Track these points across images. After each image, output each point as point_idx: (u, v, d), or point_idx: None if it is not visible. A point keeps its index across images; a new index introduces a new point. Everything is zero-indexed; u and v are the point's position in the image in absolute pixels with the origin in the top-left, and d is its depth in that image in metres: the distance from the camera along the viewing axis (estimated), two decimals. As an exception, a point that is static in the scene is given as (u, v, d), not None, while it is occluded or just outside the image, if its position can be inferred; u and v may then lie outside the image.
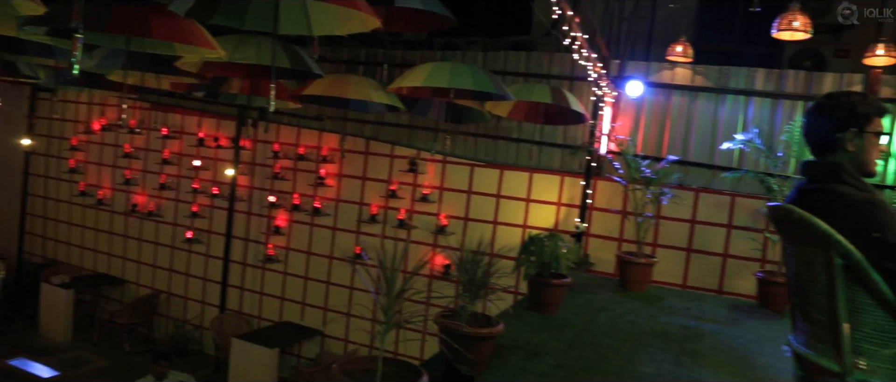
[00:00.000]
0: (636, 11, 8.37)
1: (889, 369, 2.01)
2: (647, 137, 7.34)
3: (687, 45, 6.71)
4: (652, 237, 6.97)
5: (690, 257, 6.99)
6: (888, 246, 1.96)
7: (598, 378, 3.49)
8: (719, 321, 5.11)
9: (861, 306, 2.03)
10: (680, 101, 7.27)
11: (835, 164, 2.17)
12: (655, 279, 6.68)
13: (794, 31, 5.29)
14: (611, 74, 7.30)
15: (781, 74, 7.04)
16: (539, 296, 4.69)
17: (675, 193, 6.31)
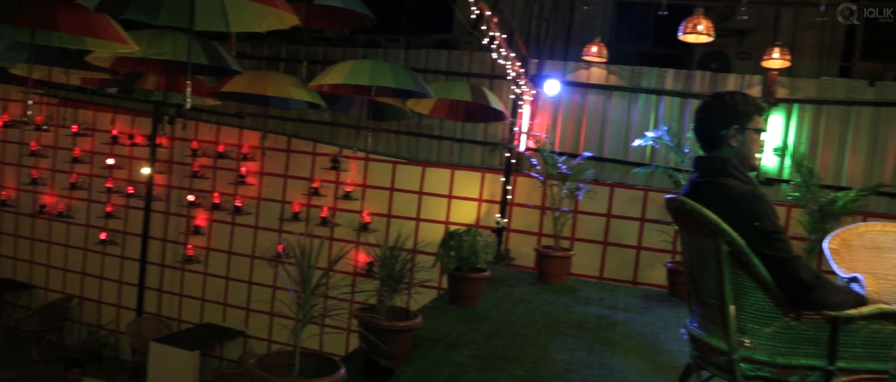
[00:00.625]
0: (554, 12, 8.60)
1: (769, 345, 2.20)
2: (565, 135, 7.58)
3: (602, 45, 6.95)
4: (570, 231, 7.20)
5: (606, 249, 7.26)
6: (767, 234, 2.14)
7: (514, 367, 3.62)
8: (631, 309, 5.34)
9: (745, 289, 2.21)
10: (595, 99, 7.54)
11: (722, 159, 2.34)
12: (573, 271, 6.92)
13: (699, 35, 5.61)
14: (529, 73, 7.49)
15: (689, 74, 7.41)
16: (459, 290, 4.79)
17: (590, 188, 6.54)
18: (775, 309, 2.19)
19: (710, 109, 2.41)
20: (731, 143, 2.36)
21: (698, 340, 2.43)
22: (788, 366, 2.18)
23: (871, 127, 6.86)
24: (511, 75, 6.67)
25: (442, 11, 9.03)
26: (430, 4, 9.24)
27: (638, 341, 4.40)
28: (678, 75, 7.41)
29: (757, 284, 2.18)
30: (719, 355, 2.29)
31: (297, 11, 4.80)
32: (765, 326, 2.20)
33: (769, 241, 2.13)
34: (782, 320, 2.19)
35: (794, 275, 2.10)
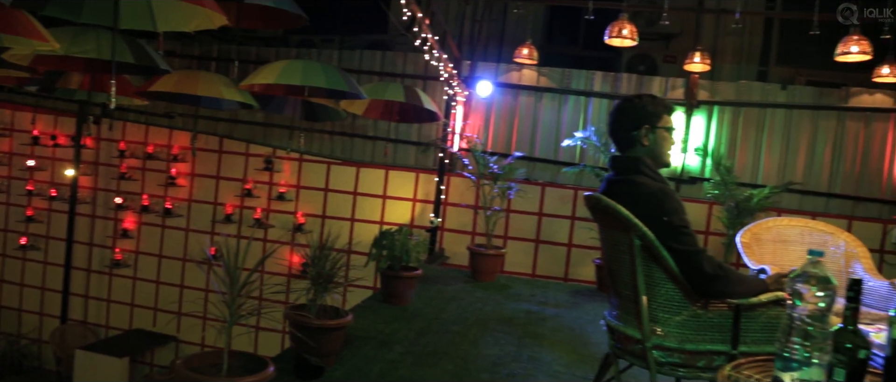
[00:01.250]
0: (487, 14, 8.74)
1: (679, 332, 2.33)
2: (497, 135, 7.73)
3: (532, 48, 7.10)
4: (502, 230, 7.34)
5: (538, 247, 7.43)
6: (674, 228, 2.27)
7: (444, 362, 3.69)
8: (561, 305, 5.50)
9: (656, 280, 2.34)
10: (526, 100, 7.71)
11: (634, 158, 2.47)
12: (507, 269, 7.06)
13: (624, 39, 5.80)
14: (462, 75, 7.60)
15: (617, 76, 7.65)
16: (391, 288, 4.84)
17: (521, 187, 6.69)
18: (684, 299, 2.32)
19: (621, 112, 2.53)
20: (643, 142, 2.49)
21: (615, 330, 2.55)
22: (696, 352, 2.32)
23: (784, 128, 7.25)
24: (444, 77, 6.76)
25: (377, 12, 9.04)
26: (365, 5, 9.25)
27: (566, 334, 4.55)
28: (606, 78, 7.65)
29: (667, 276, 2.31)
30: (634, 343, 2.41)
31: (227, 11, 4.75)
32: (675, 315, 2.34)
33: (676, 235, 2.26)
34: (691, 309, 2.33)
35: (699, 267, 2.24)
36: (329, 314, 3.45)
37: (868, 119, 7.14)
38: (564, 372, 3.71)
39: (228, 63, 8.33)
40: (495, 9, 8.70)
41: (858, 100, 7.19)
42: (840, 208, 7.16)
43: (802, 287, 1.50)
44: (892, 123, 7.12)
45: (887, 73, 6.23)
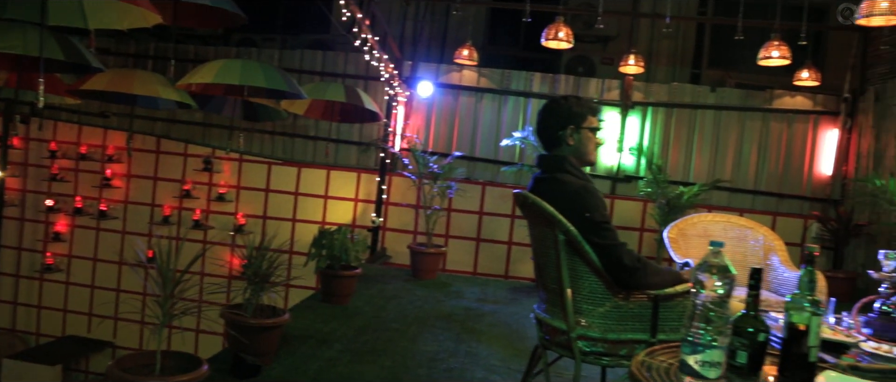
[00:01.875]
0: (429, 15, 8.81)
1: (602, 323, 2.44)
2: (438, 135, 7.81)
3: (472, 49, 7.17)
4: (444, 229, 7.42)
5: (480, 245, 7.54)
6: (595, 224, 2.38)
7: (382, 359, 3.74)
8: (500, 301, 5.61)
9: (580, 274, 2.44)
10: (467, 101, 7.81)
11: (560, 157, 2.56)
12: (448, 267, 7.15)
13: (560, 41, 5.95)
14: (403, 75, 7.65)
15: (555, 78, 7.83)
16: (331, 287, 4.86)
17: (461, 186, 6.78)
18: (606, 291, 2.43)
19: (548, 112, 2.63)
20: (569, 142, 2.59)
21: (544, 322, 2.65)
22: (618, 341, 2.43)
23: (714, 128, 7.55)
24: (385, 77, 6.80)
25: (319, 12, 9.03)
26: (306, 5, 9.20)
27: (503, 330, 4.65)
28: (544, 79, 7.82)
29: (590, 269, 2.42)
30: (561, 334, 2.51)
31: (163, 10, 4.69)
32: (598, 306, 2.44)
33: (598, 230, 2.37)
34: (613, 300, 2.44)
35: (619, 259, 2.35)
36: (266, 314, 3.46)
37: (790, 120, 7.49)
38: (500, 366, 3.81)
39: (165, 62, 8.16)
40: (437, 10, 8.78)
41: (781, 102, 7.54)
42: (765, 205, 7.49)
43: (703, 276, 1.61)
44: (812, 124, 7.49)
45: (806, 76, 6.57)
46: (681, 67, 9.05)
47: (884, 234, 6.46)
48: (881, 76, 6.96)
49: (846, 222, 6.76)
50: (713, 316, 1.61)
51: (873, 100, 7.01)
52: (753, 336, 1.79)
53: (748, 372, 1.79)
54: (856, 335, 2.57)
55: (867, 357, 2.34)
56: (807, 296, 1.86)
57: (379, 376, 3.47)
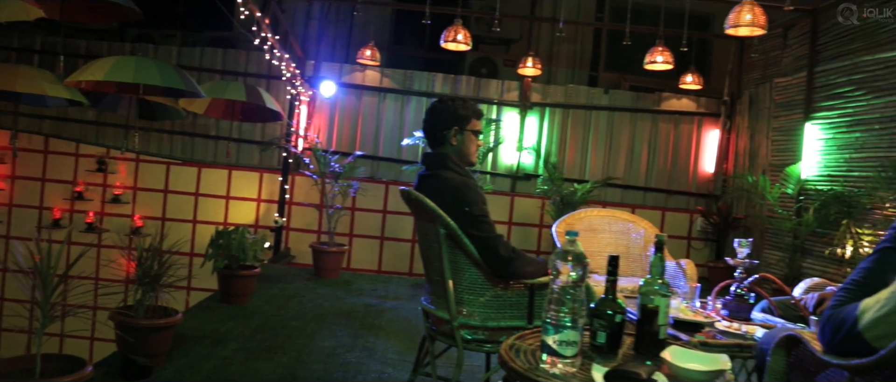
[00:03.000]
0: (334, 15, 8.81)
1: (482, 312, 2.58)
2: (341, 135, 7.83)
3: (375, 49, 7.24)
4: (348, 228, 7.46)
5: (383, 244, 7.62)
6: (474, 217, 2.51)
7: (278, 356, 3.76)
8: (401, 298, 5.71)
9: (461, 266, 2.57)
10: (370, 101, 7.88)
11: (443, 154, 2.69)
12: (352, 266, 7.19)
13: (459, 44, 6.09)
14: (306, 74, 7.63)
15: (456, 79, 8.00)
16: (229, 287, 4.82)
17: (363, 186, 6.84)
18: (486, 282, 2.57)
19: (435, 112, 2.75)
20: (452, 142, 2.72)
21: (429, 313, 2.77)
22: (498, 328, 2.57)
23: (607, 129, 7.92)
24: (286, 76, 6.77)
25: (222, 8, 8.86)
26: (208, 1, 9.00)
27: (402, 325, 4.75)
28: (446, 79, 7.98)
29: (470, 261, 2.55)
30: (445, 324, 2.63)
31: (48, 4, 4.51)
32: (479, 296, 2.58)
33: (476, 223, 2.51)
34: (493, 290, 2.58)
35: (495, 250, 2.50)
36: (158, 314, 3.42)
37: (677, 121, 7.97)
38: (396, 359, 3.90)
39: (54, 57, 7.82)
40: (343, 10, 8.79)
41: (669, 104, 8.01)
42: (655, 201, 7.93)
43: (560, 264, 1.76)
44: (696, 125, 7.99)
45: (691, 81, 7.02)
46: (579, 69, 9.43)
47: (758, 226, 6.99)
48: (755, 81, 7.52)
49: (725, 216, 7.26)
50: (569, 300, 1.75)
51: (748, 103, 7.56)
52: (611, 318, 1.97)
53: (608, 350, 1.96)
54: (713, 315, 2.82)
55: (721, 335, 2.58)
56: (657, 280, 2.06)
57: (274, 372, 3.49)
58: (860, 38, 5.88)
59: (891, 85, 5.48)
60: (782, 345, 1.90)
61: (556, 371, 1.75)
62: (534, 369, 1.77)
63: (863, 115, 5.76)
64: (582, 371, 1.77)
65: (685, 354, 1.86)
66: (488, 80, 8.14)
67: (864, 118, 5.75)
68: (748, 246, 2.97)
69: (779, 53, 7.11)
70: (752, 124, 7.47)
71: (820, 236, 5.84)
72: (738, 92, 7.82)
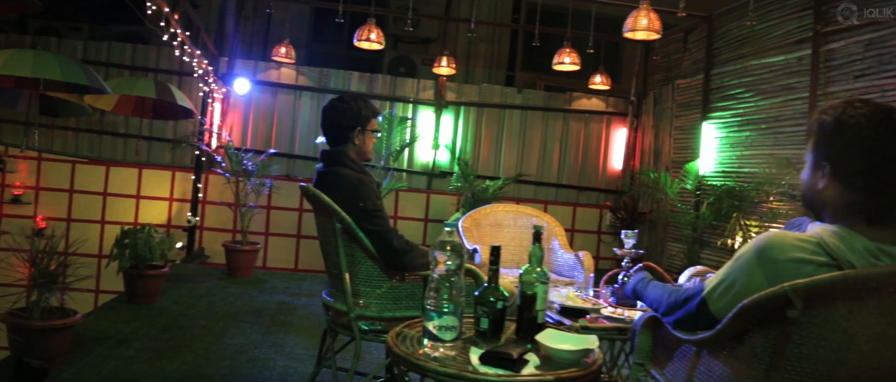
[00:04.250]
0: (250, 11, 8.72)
1: (378, 303, 2.66)
2: (257, 132, 7.76)
3: (290, 47, 7.21)
4: (264, 226, 7.40)
5: (300, 242, 7.59)
6: (368, 212, 2.60)
7: (184, 354, 3.74)
8: (314, 295, 5.73)
9: (357, 259, 2.65)
10: (286, 98, 7.83)
11: (340, 152, 2.76)
12: (269, 265, 7.15)
13: (372, 43, 6.15)
14: (220, 72, 7.52)
15: (372, 77, 8.06)
16: (135, 288, 4.74)
17: (279, 184, 6.81)
18: (382, 274, 2.66)
19: (336, 111, 2.81)
20: (355, 141, 2.79)
21: (329, 306, 2.83)
22: (394, 319, 2.66)
23: (520, 127, 8.15)
24: (199, 73, 6.66)
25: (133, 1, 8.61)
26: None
27: (314, 321, 4.79)
28: (362, 78, 8.02)
29: (366, 255, 2.63)
30: (343, 316, 2.70)
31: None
32: (375, 288, 2.67)
33: (370, 218, 2.59)
34: (389, 282, 2.67)
35: (389, 244, 2.59)
36: (55, 316, 3.35)
37: (587, 120, 8.27)
38: (304, 353, 3.95)
39: (-55, 50, 7.43)
40: (260, 7, 8.71)
41: (579, 103, 8.30)
42: (567, 197, 8.21)
43: (438, 254, 1.86)
44: (605, 123, 8.32)
45: (600, 81, 7.30)
46: (496, 69, 9.66)
47: (661, 219, 7.34)
48: (659, 82, 7.90)
49: (632, 211, 7.60)
50: (447, 287, 1.86)
51: (653, 103, 7.93)
52: (494, 305, 2.09)
53: (491, 335, 2.08)
54: (601, 302, 3.00)
55: (606, 320, 2.75)
56: (536, 269, 2.19)
57: (179, 371, 3.48)
58: (749, 44, 6.29)
59: (775, 88, 5.89)
60: (647, 326, 2.07)
61: (436, 355, 1.85)
62: (416, 353, 1.87)
63: (752, 115, 6.16)
64: (461, 355, 1.88)
65: (558, 336, 1.99)
66: (405, 78, 8.23)
67: (753, 118, 6.15)
68: (634, 237, 3.16)
69: (680, 56, 7.50)
70: (656, 123, 7.84)
71: (715, 229, 6.20)
72: (644, 92, 8.19)
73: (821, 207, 1.58)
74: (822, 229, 1.52)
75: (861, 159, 1.46)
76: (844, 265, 1.43)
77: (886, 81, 4.87)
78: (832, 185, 1.52)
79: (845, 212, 1.51)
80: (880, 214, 1.47)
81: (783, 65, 5.87)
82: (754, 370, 1.53)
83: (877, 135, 1.43)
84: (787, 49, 5.85)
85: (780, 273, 1.45)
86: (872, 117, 1.44)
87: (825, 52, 5.42)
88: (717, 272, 1.64)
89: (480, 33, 9.43)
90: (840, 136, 1.48)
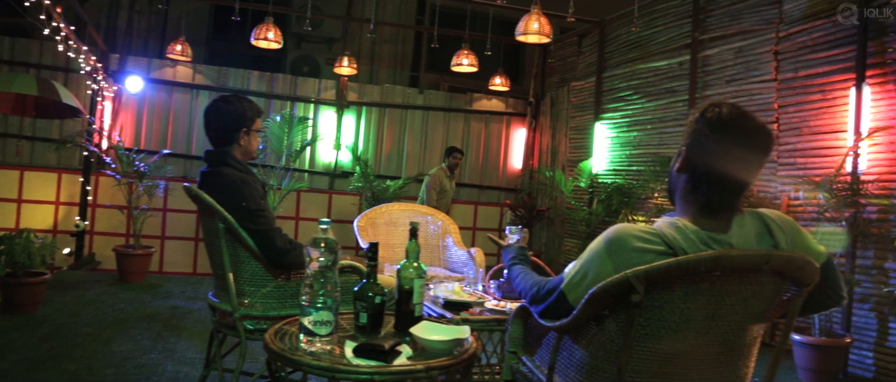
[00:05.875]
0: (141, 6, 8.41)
1: (263, 302, 2.67)
2: (151, 132, 7.50)
3: (186, 44, 7.04)
4: (159, 230, 7.16)
5: (199, 245, 7.39)
6: (251, 212, 2.60)
7: (65, 364, 3.59)
8: (212, 299, 5.61)
9: (241, 259, 2.65)
10: (182, 97, 7.61)
11: (224, 151, 2.75)
12: (165, 269, 6.93)
13: (270, 42, 6.08)
14: (111, 69, 7.23)
15: (272, 76, 7.95)
16: (13, 296, 4.49)
17: (173, 185, 6.61)
18: (266, 274, 2.66)
19: (222, 112, 2.77)
20: (241, 142, 2.78)
21: (215, 307, 2.81)
22: (279, 317, 2.67)
23: (422, 127, 8.24)
24: (86, 70, 6.38)
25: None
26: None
27: (208, 325, 4.65)
28: (262, 77, 7.90)
29: (250, 254, 2.63)
30: (228, 316, 2.69)
31: None
32: (260, 288, 2.67)
33: (253, 217, 2.59)
34: (275, 282, 2.68)
35: (272, 242, 2.60)
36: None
37: (487, 121, 8.46)
38: (197, 357, 3.87)
39: None
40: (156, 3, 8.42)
41: (480, 104, 8.48)
42: (469, 196, 8.37)
43: (312, 250, 1.90)
44: (505, 124, 8.53)
45: (499, 82, 7.49)
46: (401, 70, 9.72)
47: (558, 216, 7.61)
48: (556, 84, 8.18)
49: (531, 209, 7.83)
50: (322, 282, 1.90)
51: (550, 104, 8.20)
52: (372, 300, 2.15)
53: (370, 329, 2.14)
54: (486, 296, 3.11)
55: (488, 312, 2.86)
56: (412, 264, 2.26)
57: (59, 380, 3.35)
58: (637, 49, 6.62)
59: (659, 90, 6.23)
60: (519, 316, 2.18)
61: (312, 350, 1.89)
62: (292, 349, 1.90)
63: (640, 116, 6.49)
64: (337, 349, 1.92)
65: (433, 328, 2.07)
66: (306, 78, 8.16)
67: (640, 119, 6.48)
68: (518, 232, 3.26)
69: (575, 60, 7.79)
70: (553, 124, 8.12)
71: (607, 224, 6.47)
72: (542, 94, 8.45)
73: (673, 191, 1.73)
74: (663, 221, 1.66)
75: (706, 154, 1.60)
76: (679, 252, 1.56)
77: (754, 86, 5.26)
78: (683, 169, 1.66)
79: (685, 200, 1.65)
80: (713, 206, 1.61)
81: (667, 69, 6.22)
82: (608, 352, 1.66)
83: (723, 135, 1.58)
84: (670, 54, 6.20)
85: (626, 262, 1.57)
86: (725, 118, 1.59)
87: (702, 58, 5.78)
88: (574, 263, 1.75)
89: (385, 34, 9.47)
90: (698, 126, 1.62)
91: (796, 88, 4.91)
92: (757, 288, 1.60)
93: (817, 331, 4.19)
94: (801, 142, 4.85)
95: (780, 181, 4.95)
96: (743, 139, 1.58)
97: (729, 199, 1.61)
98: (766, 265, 1.53)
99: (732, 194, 1.61)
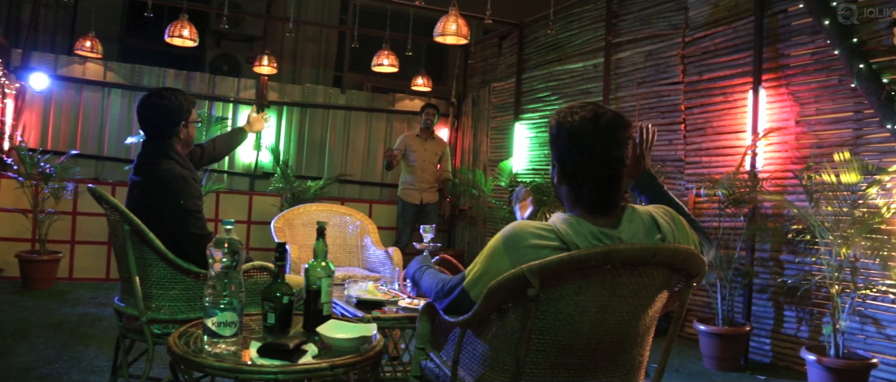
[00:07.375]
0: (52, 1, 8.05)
1: (171, 305, 2.62)
2: (59, 132, 7.19)
3: (96, 40, 6.76)
4: (69, 234, 6.86)
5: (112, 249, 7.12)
6: (188, 212, 2.57)
7: (-41, 376, 3.43)
8: (124, 304, 5.42)
9: (149, 261, 2.59)
10: (93, 96, 7.33)
11: (166, 145, 2.70)
12: (76, 275, 6.65)
13: (184, 39, 5.92)
14: (12, 65, 6.89)
15: (189, 75, 7.75)
16: None
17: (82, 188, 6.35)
18: (176, 275, 2.62)
19: (158, 108, 2.70)
20: (181, 135, 2.75)
21: (121, 312, 2.74)
22: (187, 320, 2.62)
23: (344, 127, 8.21)
24: (-15, 67, 6.07)
25: None
26: None
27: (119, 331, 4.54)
28: (178, 75, 7.70)
29: (159, 257, 2.58)
30: (135, 321, 2.63)
31: None
32: (168, 290, 2.62)
33: (190, 218, 2.56)
34: (183, 283, 2.63)
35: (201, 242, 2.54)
36: None
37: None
38: (105, 366, 3.75)
39: None
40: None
41: (402, 104, 8.51)
42: (391, 196, 8.35)
43: (214, 251, 1.88)
44: (428, 124, 8.59)
45: (421, 83, 7.54)
46: (324, 69, 9.62)
47: (480, 216, 7.72)
48: (477, 85, 8.30)
49: (454, 208, 7.92)
50: (226, 283, 1.89)
51: (472, 104, 8.31)
52: (280, 300, 2.14)
53: (278, 329, 2.14)
54: (401, 294, 3.14)
55: (401, 310, 2.89)
56: (320, 263, 2.27)
57: (-49, 395, 3.19)
58: (554, 51, 6.80)
59: (575, 91, 6.42)
60: (426, 313, 2.22)
61: (216, 351, 1.88)
62: (195, 351, 1.88)
63: (556, 116, 6.66)
64: (242, 349, 1.91)
65: (340, 326, 2.09)
66: (224, 77, 8.00)
67: (557, 119, 6.65)
68: (432, 231, 3.33)
69: (495, 61, 7.93)
70: (475, 124, 8.23)
71: (526, 223, 6.62)
72: (464, 94, 8.55)
73: (561, 200, 1.80)
74: (557, 218, 1.73)
75: (577, 163, 1.67)
76: (572, 247, 1.63)
77: (663, 88, 5.49)
78: (562, 181, 1.73)
79: (574, 204, 1.73)
80: (599, 204, 1.69)
81: (582, 71, 6.41)
82: (508, 345, 1.72)
83: (584, 136, 1.65)
84: (585, 57, 6.39)
85: (522, 258, 1.63)
86: (582, 121, 1.66)
87: (615, 60, 5.99)
88: (474, 261, 1.81)
89: (308, 33, 9.36)
90: (560, 139, 1.69)
91: (701, 91, 5.16)
92: (647, 280, 1.69)
93: (720, 321, 4.42)
94: (706, 142, 5.10)
95: (687, 179, 5.20)
96: (603, 136, 1.64)
97: (613, 196, 1.69)
98: (654, 258, 1.63)
99: (614, 191, 1.68)
